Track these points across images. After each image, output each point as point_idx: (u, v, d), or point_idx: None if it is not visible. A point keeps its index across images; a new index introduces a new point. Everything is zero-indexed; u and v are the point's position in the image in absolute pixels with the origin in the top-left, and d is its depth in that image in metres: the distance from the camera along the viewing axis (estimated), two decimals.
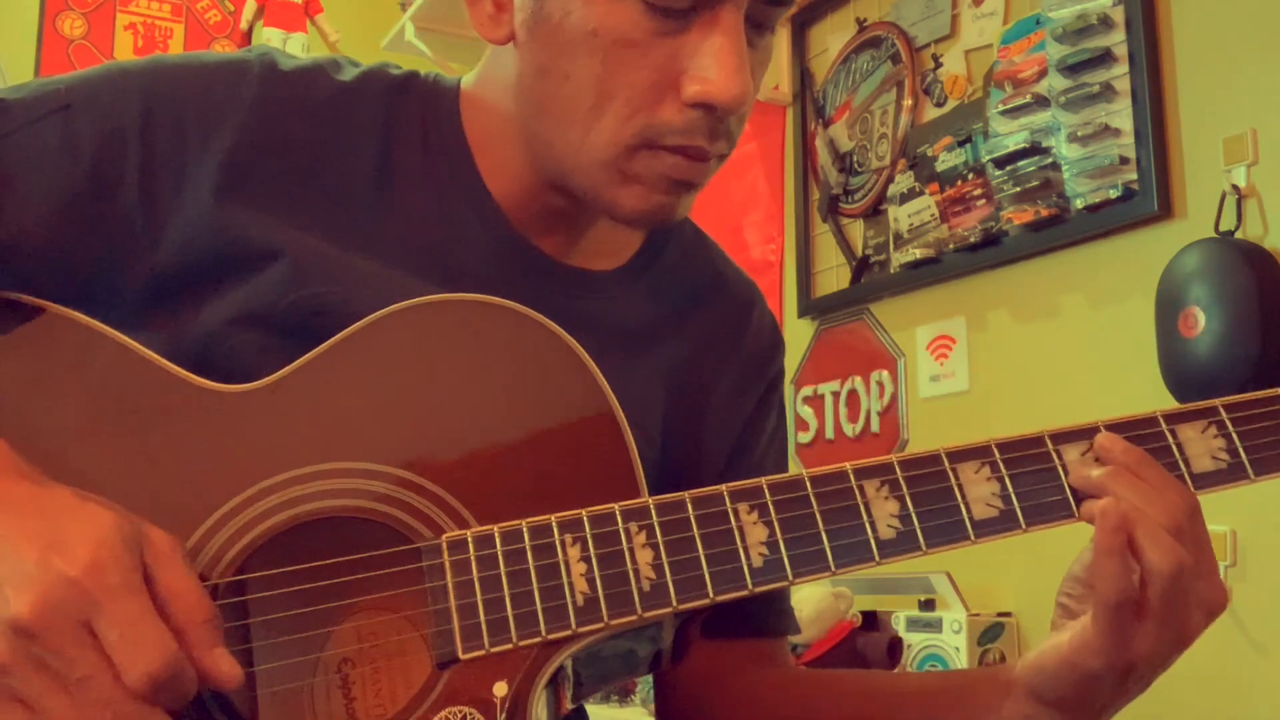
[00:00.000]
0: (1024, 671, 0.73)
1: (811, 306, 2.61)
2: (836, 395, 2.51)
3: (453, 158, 0.82)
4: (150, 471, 0.65)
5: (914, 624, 2.03)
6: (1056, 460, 0.69)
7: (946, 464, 0.69)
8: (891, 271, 2.37)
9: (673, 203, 0.77)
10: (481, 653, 0.64)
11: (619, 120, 0.72)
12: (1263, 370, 1.63)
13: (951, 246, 2.20)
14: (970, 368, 2.19)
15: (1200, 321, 1.69)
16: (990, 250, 2.13)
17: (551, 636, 0.64)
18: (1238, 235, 1.72)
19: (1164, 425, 0.71)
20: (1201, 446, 0.70)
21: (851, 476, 0.68)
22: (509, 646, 0.64)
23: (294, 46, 3.39)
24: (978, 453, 0.69)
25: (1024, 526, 0.69)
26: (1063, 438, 0.70)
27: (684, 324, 0.89)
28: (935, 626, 2.00)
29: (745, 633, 0.91)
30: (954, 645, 1.98)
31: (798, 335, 2.65)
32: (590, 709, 0.94)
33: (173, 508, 0.64)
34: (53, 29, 3.24)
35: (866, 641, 2.04)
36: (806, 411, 2.59)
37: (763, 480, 0.68)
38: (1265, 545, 1.69)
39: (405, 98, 0.82)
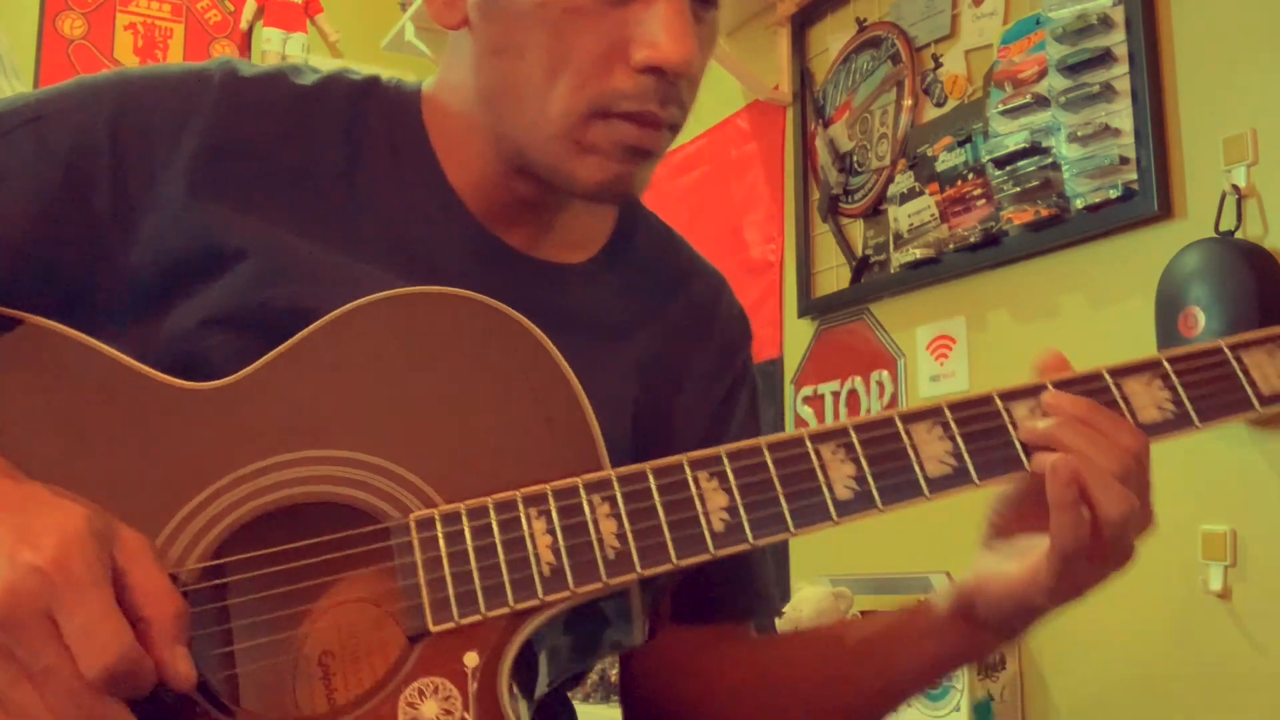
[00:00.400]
0: (961, 597, 0.76)
1: (811, 306, 2.61)
2: (836, 395, 2.51)
3: (417, 157, 0.84)
4: (121, 468, 0.67)
5: None
6: (1006, 417, 0.72)
7: (900, 426, 0.71)
8: (891, 271, 2.37)
9: (630, 171, 0.79)
10: (451, 625, 0.65)
11: (571, 90, 0.75)
12: None
13: (951, 246, 2.20)
14: (970, 368, 2.19)
15: (1200, 321, 1.69)
16: (990, 250, 2.13)
17: (519, 606, 0.66)
18: (1238, 235, 1.72)
19: (1109, 379, 0.73)
20: (1147, 398, 0.73)
21: (808, 442, 0.70)
22: (478, 618, 0.65)
23: (294, 46, 3.40)
24: (930, 414, 0.72)
25: (977, 481, 0.71)
26: (1011, 396, 0.73)
27: (654, 315, 0.91)
28: None
29: (713, 617, 0.92)
30: None
31: (798, 335, 2.65)
32: (587, 709, 0.94)
33: (145, 502, 0.65)
34: (53, 29, 3.24)
35: None
36: (806, 411, 2.59)
37: (721, 449, 0.70)
38: (1265, 545, 1.69)
39: (367, 101, 0.85)
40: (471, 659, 0.65)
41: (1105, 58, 1.91)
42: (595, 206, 0.87)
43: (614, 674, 2.26)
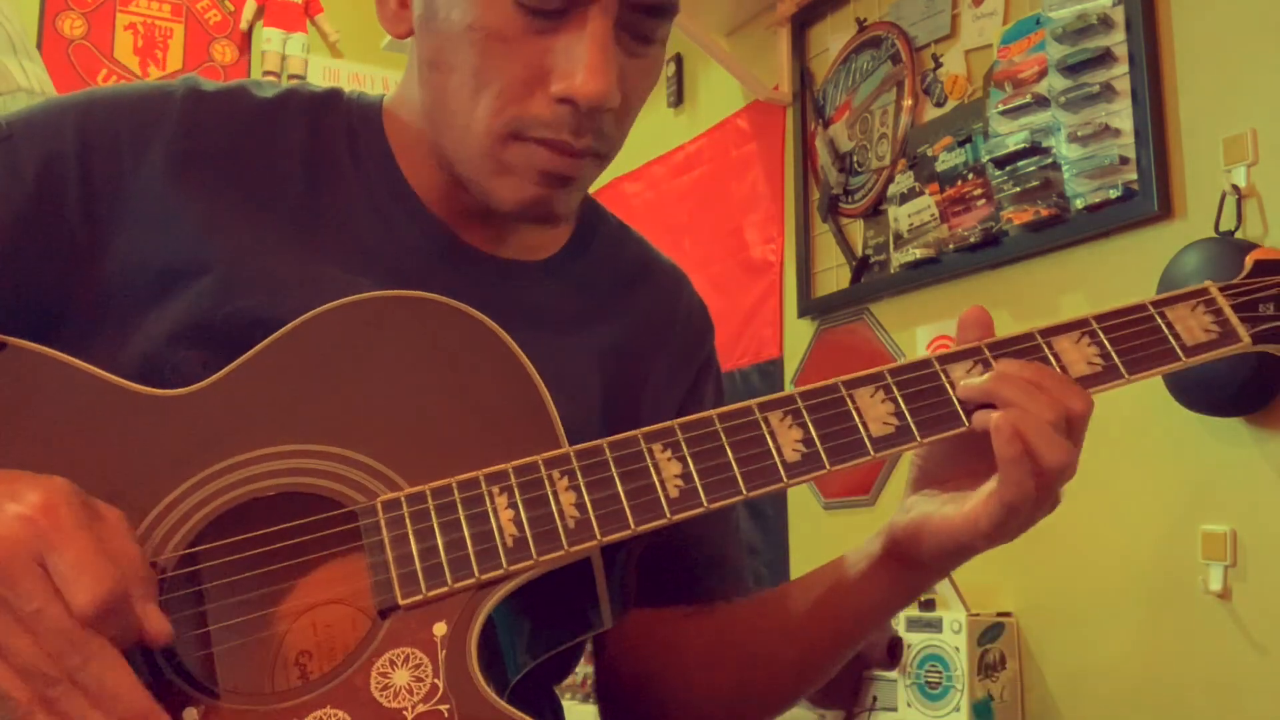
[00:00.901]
0: (896, 541, 0.80)
1: (811, 306, 2.61)
2: None
3: (380, 164, 0.87)
4: (95, 471, 0.68)
5: (914, 624, 2.03)
6: (944, 378, 0.76)
7: (844, 390, 0.75)
8: (891, 271, 2.37)
9: (548, 195, 0.81)
10: (420, 597, 0.67)
11: (491, 111, 0.78)
12: (1262, 370, 1.64)
13: (951, 246, 2.20)
14: None
15: None
16: (990, 250, 2.14)
17: (485, 577, 0.68)
18: (1238, 235, 1.72)
19: (1040, 339, 0.78)
20: (1077, 354, 0.77)
21: (756, 410, 0.74)
22: (445, 589, 0.68)
23: (294, 47, 3.40)
24: (871, 379, 0.76)
25: (919, 439, 0.74)
26: (949, 359, 0.77)
27: (615, 309, 0.94)
28: (935, 626, 2.01)
29: (685, 597, 0.93)
30: (954, 645, 1.98)
31: (798, 335, 2.65)
32: (581, 709, 0.95)
33: (120, 501, 0.67)
34: (53, 29, 3.24)
35: (866, 642, 2.05)
36: None
37: (674, 423, 0.73)
38: (1265, 545, 1.69)
39: (329, 111, 0.88)
40: (440, 628, 0.67)
41: (1105, 58, 1.92)
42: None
43: None
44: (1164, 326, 0.78)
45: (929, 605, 2.04)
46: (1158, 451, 1.83)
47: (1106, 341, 0.77)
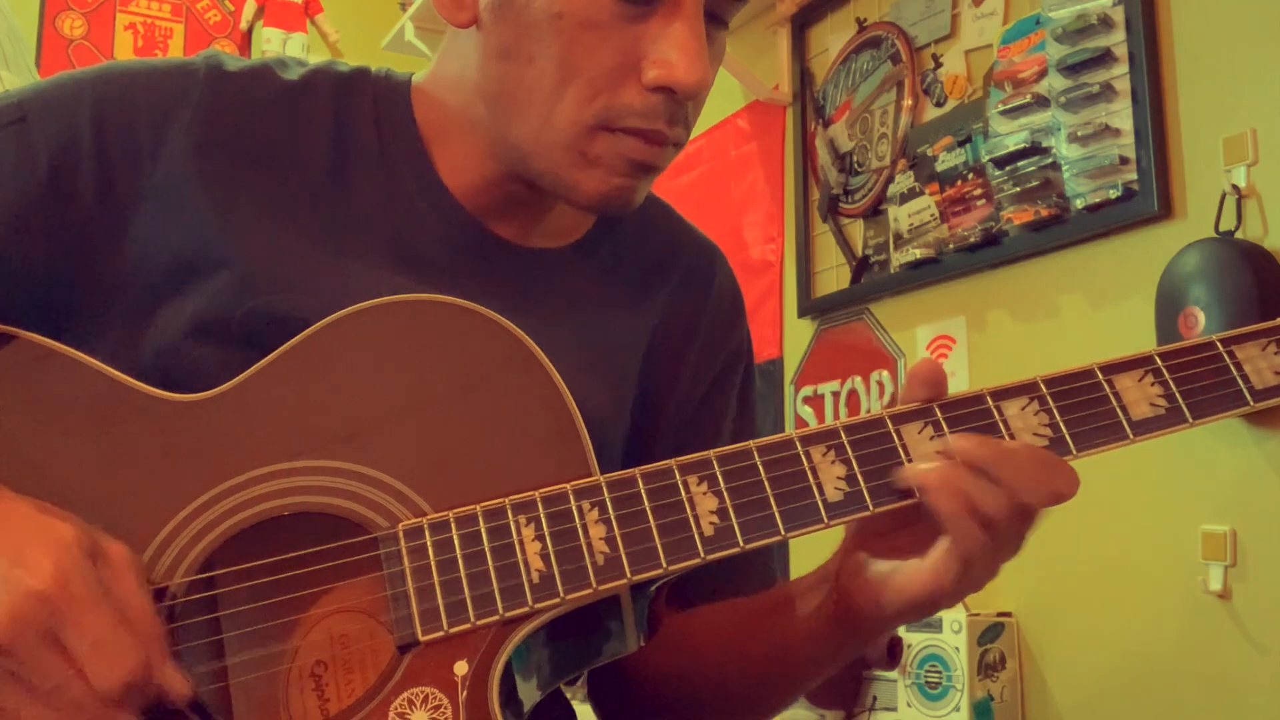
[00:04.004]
0: (853, 597, 0.74)
1: (811, 306, 2.61)
2: (836, 395, 2.51)
3: (407, 150, 0.83)
4: (109, 481, 0.66)
5: (914, 624, 2.03)
6: (997, 415, 0.71)
7: (890, 426, 0.71)
8: (891, 271, 2.37)
9: (632, 185, 0.79)
10: (441, 634, 0.65)
11: (580, 101, 0.75)
12: None
13: (951, 246, 2.20)
14: (970, 368, 2.19)
15: (1200, 321, 1.69)
16: (990, 250, 2.13)
17: (509, 614, 0.65)
18: (1238, 235, 1.72)
19: (1101, 376, 0.73)
20: (1139, 394, 0.72)
21: (798, 444, 0.70)
22: (467, 626, 0.65)
23: (294, 47, 3.40)
24: (919, 414, 0.71)
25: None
26: (1001, 394, 0.72)
27: (649, 290, 0.91)
28: (935, 626, 2.01)
29: (715, 598, 0.90)
30: (954, 645, 1.98)
31: (798, 335, 2.65)
32: (586, 710, 0.94)
33: (132, 515, 0.65)
34: (53, 29, 3.24)
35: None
36: (806, 411, 2.59)
37: (711, 453, 0.70)
38: (1265, 545, 1.69)
39: (356, 93, 0.84)
40: (461, 668, 0.64)
41: (1105, 58, 1.91)
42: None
43: None
44: (1232, 366, 0.72)
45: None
46: (1157, 451, 1.83)
47: (1171, 381, 0.72)
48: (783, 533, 0.68)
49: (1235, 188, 1.73)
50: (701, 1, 0.75)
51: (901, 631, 2.04)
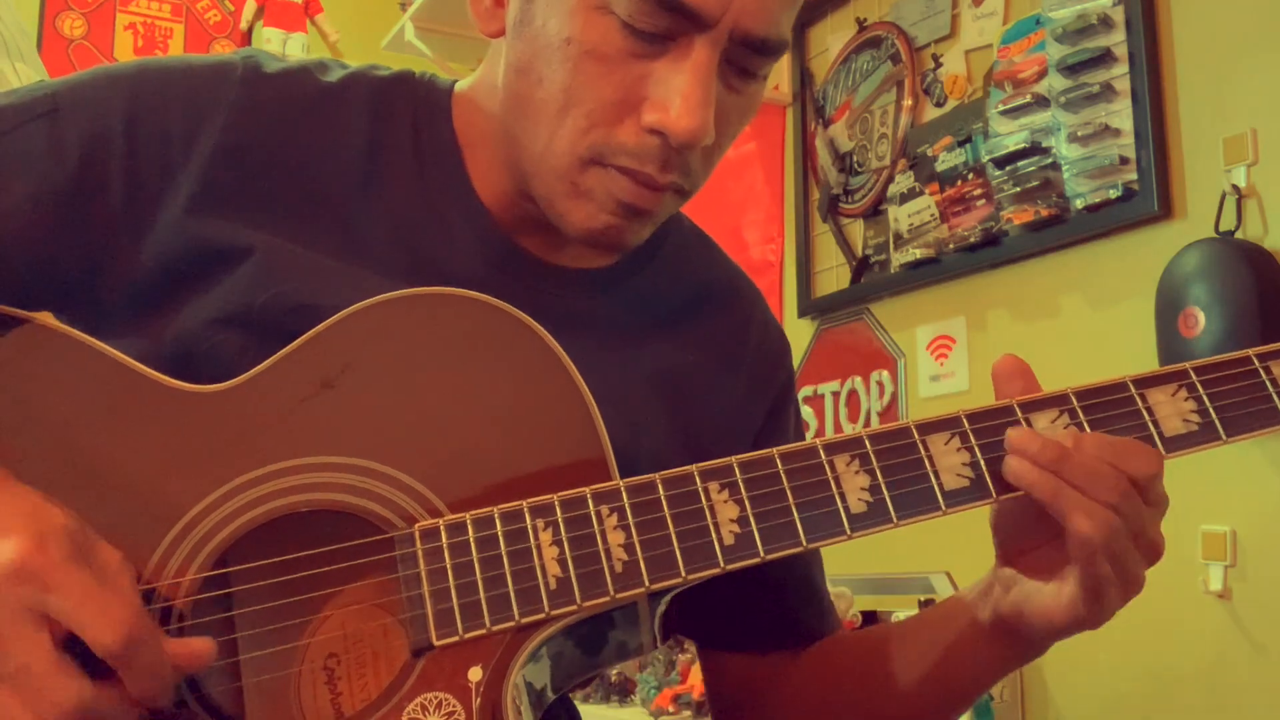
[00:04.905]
0: (1004, 616, 0.74)
1: (811, 306, 2.61)
2: (836, 395, 2.51)
3: (442, 158, 0.82)
4: (122, 473, 0.66)
5: None
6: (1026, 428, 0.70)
7: (916, 436, 0.69)
8: (891, 271, 2.37)
9: (621, 226, 0.76)
10: (455, 639, 0.64)
11: (577, 131, 0.73)
12: None
13: (951, 246, 2.20)
14: (970, 368, 2.19)
15: (1200, 321, 1.69)
16: (990, 250, 2.13)
17: (525, 620, 0.64)
18: (1238, 235, 1.72)
19: (1133, 390, 0.71)
20: (1172, 409, 0.71)
21: (822, 452, 0.69)
22: (482, 631, 0.64)
23: (294, 47, 3.39)
24: (947, 424, 0.70)
25: (995, 495, 0.69)
26: (1031, 406, 0.71)
27: (677, 328, 0.88)
28: None
29: (786, 642, 0.90)
30: None
31: (798, 335, 2.65)
32: (588, 709, 0.94)
33: (145, 509, 0.65)
34: (53, 29, 3.24)
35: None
36: (806, 411, 2.59)
37: (733, 459, 0.68)
38: (1265, 545, 1.69)
39: (394, 98, 0.83)
40: (475, 673, 0.64)
41: (1105, 58, 1.92)
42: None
43: (614, 674, 2.26)
44: (1269, 383, 0.71)
45: (929, 605, 2.04)
46: None
47: (1205, 396, 0.71)
48: (804, 543, 0.67)
49: (1235, 188, 1.73)
50: (716, 50, 0.72)
51: None
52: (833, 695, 0.87)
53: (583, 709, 0.92)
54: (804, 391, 2.60)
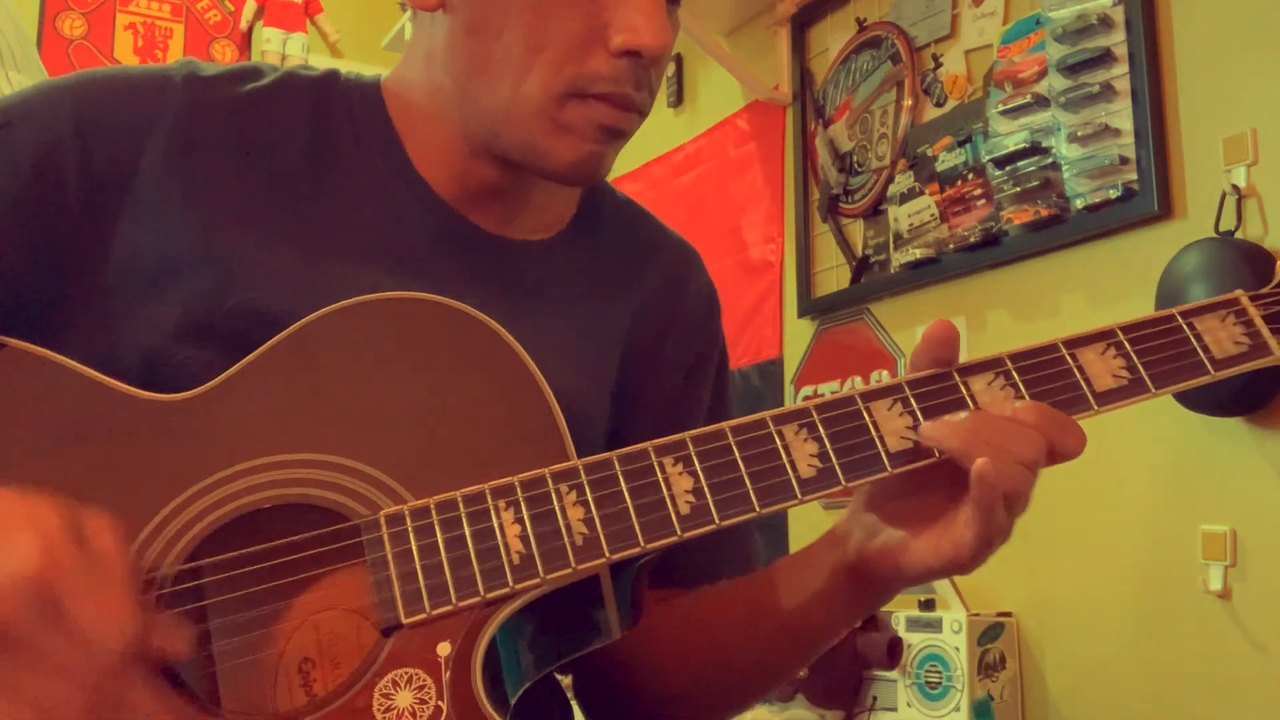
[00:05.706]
0: (869, 560, 0.76)
1: (811, 306, 2.61)
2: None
3: (383, 145, 0.86)
4: (93, 480, 0.67)
5: (914, 624, 2.03)
6: (964, 391, 0.73)
7: (860, 404, 0.73)
8: (891, 271, 2.37)
9: (602, 151, 0.82)
10: (423, 616, 0.66)
11: (550, 71, 0.78)
12: (1263, 370, 1.63)
13: (951, 246, 2.20)
14: None
15: None
16: (990, 250, 2.13)
17: (490, 595, 0.67)
18: (1238, 235, 1.72)
19: (1064, 350, 0.75)
20: (1102, 367, 0.75)
21: (770, 423, 0.72)
22: (449, 608, 0.66)
23: (294, 47, 3.40)
24: (890, 390, 0.73)
25: (936, 455, 0.71)
26: (968, 370, 0.74)
27: (627, 286, 0.93)
28: (935, 626, 2.01)
29: (689, 582, 0.91)
30: (954, 645, 1.98)
31: (798, 335, 2.65)
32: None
33: (119, 511, 0.65)
34: (53, 29, 3.24)
35: (866, 642, 2.05)
36: None
37: (685, 434, 0.71)
38: (1265, 545, 1.69)
39: (329, 94, 0.87)
40: (444, 648, 0.66)
41: (1105, 58, 1.92)
42: (562, 187, 0.89)
43: None
44: (1193, 338, 0.75)
45: (929, 605, 2.04)
46: (1158, 451, 1.83)
47: (1133, 353, 0.75)
48: (758, 509, 0.70)
49: (1235, 188, 1.73)
50: None
51: (901, 631, 2.04)
52: (699, 637, 0.88)
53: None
54: (804, 391, 2.60)
